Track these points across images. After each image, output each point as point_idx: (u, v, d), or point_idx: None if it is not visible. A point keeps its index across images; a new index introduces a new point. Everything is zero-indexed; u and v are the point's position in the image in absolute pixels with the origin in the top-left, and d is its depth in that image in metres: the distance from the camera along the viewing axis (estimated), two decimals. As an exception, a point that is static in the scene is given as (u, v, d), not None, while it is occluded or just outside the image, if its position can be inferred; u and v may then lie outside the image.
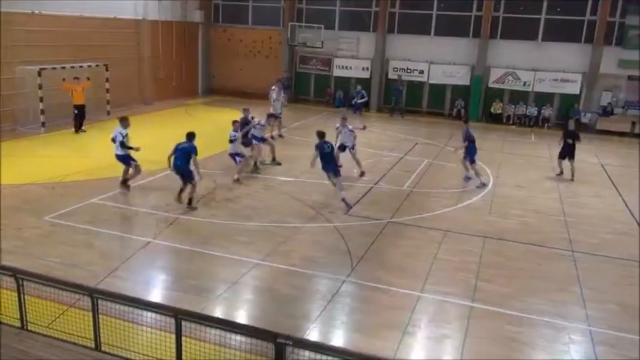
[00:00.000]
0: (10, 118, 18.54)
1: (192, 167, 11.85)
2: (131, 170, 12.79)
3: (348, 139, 15.00)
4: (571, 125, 16.37)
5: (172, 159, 11.74)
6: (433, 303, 8.31)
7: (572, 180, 15.62)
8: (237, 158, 14.17)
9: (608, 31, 23.87)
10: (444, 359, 7.06)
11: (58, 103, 19.24)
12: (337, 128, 15.38)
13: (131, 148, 12.51)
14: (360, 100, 26.28)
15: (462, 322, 7.75)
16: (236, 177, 13.93)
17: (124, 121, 12.61)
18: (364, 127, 15.87)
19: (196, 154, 11.79)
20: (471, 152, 14.63)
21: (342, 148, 15.02)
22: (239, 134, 14.14)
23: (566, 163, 15.86)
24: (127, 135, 12.51)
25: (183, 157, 11.68)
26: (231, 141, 14.11)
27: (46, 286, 6.29)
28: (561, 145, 15.92)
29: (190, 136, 11.90)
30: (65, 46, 20.53)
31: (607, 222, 12.45)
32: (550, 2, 24.59)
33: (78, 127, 19.14)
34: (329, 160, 12.52)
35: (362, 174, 14.97)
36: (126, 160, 12.65)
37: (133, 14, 24.35)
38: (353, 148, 15.10)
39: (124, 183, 12.75)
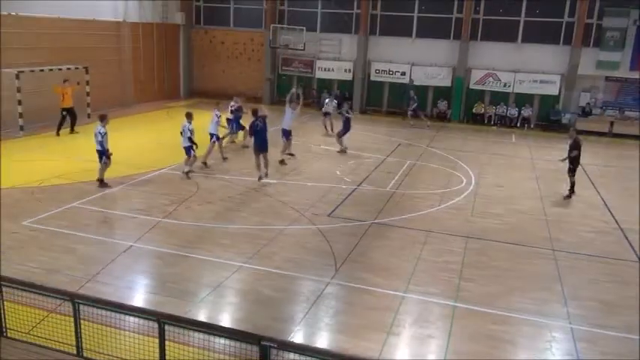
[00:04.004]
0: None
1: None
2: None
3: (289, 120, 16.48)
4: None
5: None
6: (417, 303, 8.35)
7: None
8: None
9: (586, 33, 24.24)
10: (429, 359, 7.10)
11: (37, 106, 18.90)
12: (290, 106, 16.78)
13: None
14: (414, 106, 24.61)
15: (445, 321, 7.80)
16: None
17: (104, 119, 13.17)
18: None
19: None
20: (345, 128, 18.16)
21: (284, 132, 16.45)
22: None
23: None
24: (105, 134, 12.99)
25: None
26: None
27: (26, 292, 6.19)
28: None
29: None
30: (44, 48, 20.20)
31: (587, 221, 12.64)
32: (529, 4, 24.90)
33: (71, 129, 19.19)
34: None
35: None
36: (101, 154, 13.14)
37: (112, 16, 24.11)
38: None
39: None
